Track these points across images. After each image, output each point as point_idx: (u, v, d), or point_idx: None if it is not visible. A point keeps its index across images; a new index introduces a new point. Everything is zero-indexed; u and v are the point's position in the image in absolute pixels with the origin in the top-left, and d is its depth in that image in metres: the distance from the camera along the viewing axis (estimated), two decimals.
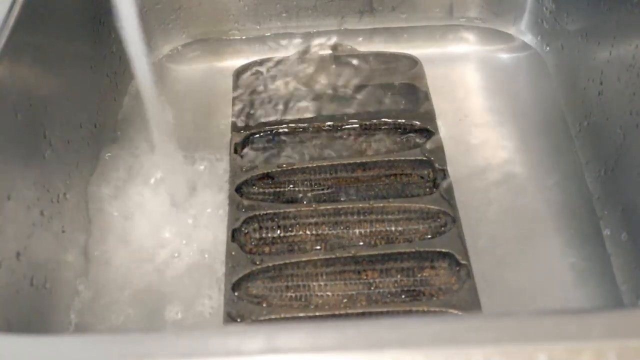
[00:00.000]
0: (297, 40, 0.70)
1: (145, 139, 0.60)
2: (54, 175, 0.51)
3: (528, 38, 0.70)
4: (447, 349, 0.30)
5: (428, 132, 0.60)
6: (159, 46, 0.71)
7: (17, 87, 0.48)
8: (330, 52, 0.68)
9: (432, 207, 0.54)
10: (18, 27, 0.47)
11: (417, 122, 0.60)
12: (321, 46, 0.68)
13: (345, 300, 0.49)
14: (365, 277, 0.51)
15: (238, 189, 0.56)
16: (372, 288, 0.50)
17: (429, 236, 0.52)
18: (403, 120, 0.61)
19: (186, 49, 0.72)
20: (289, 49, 0.69)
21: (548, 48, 0.68)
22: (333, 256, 0.51)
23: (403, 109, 0.62)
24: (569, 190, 0.56)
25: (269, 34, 0.72)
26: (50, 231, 0.49)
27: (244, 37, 0.72)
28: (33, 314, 0.45)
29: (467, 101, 0.66)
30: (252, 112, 0.62)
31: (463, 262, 0.50)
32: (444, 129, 0.60)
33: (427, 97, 0.63)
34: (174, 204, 0.56)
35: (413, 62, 0.66)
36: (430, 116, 0.61)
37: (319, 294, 0.50)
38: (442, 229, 0.53)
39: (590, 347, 0.30)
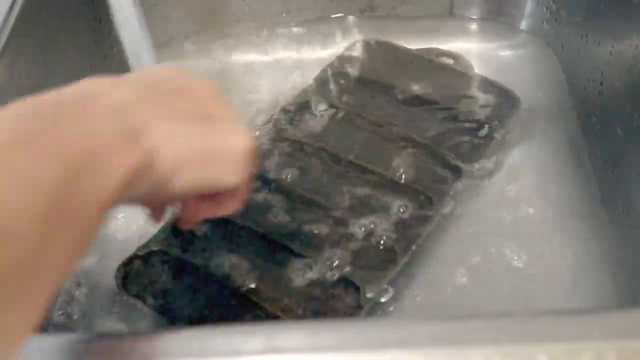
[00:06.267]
0: (297, 39, 0.71)
1: None
2: None
3: (528, 38, 0.70)
4: (447, 349, 0.30)
5: None
6: (159, 45, 0.71)
7: (17, 87, 0.48)
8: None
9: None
10: (18, 27, 0.47)
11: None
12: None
13: None
14: None
15: None
16: None
17: None
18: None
19: (186, 48, 0.71)
20: (289, 48, 0.70)
21: (548, 48, 0.68)
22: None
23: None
24: (568, 190, 0.56)
25: (269, 32, 0.72)
26: None
27: (244, 36, 0.72)
28: None
29: None
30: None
31: None
32: None
33: None
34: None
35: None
36: None
37: None
38: None
39: (590, 347, 0.30)
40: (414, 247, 0.50)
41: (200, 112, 0.36)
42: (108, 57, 0.63)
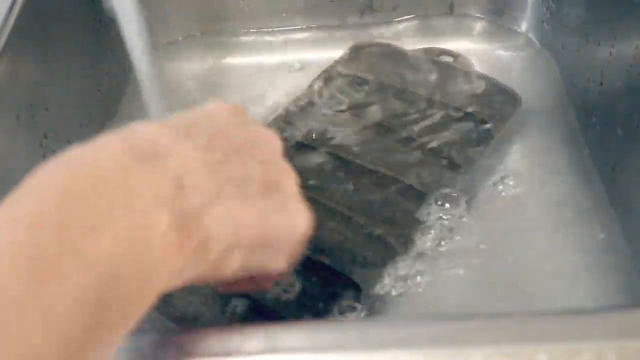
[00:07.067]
0: (297, 40, 0.71)
1: None
2: None
3: (528, 38, 0.70)
4: (447, 349, 0.30)
5: None
6: (160, 45, 0.71)
7: (17, 87, 0.48)
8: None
9: None
10: (18, 27, 0.47)
11: None
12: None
13: None
14: None
15: None
16: None
17: None
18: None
19: (186, 48, 0.72)
20: (289, 49, 0.70)
21: (548, 48, 0.68)
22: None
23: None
24: (568, 190, 0.56)
25: (269, 33, 0.72)
26: None
27: (244, 36, 0.72)
28: None
29: None
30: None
31: None
32: None
33: None
34: None
35: None
36: None
37: None
38: None
39: (590, 347, 0.30)
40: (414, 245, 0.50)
41: (266, 180, 0.33)
42: (108, 57, 0.63)
